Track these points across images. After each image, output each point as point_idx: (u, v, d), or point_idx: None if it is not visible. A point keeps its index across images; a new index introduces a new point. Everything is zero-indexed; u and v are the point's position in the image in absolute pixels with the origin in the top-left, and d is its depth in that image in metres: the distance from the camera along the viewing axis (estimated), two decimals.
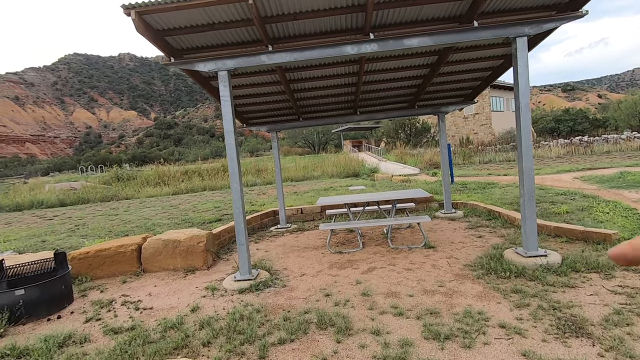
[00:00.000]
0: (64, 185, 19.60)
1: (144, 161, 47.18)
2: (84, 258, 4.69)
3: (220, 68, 3.96)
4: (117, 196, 13.91)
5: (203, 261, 4.80)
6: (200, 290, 4.00)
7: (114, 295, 4.04)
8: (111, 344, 2.90)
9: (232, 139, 4.00)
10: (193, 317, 3.32)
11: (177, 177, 17.69)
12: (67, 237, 6.87)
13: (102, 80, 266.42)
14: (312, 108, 6.96)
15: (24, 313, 3.49)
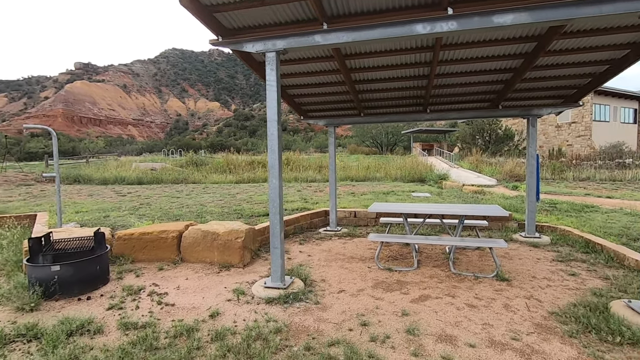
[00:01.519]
0: (147, 165, 21.55)
1: (220, 149, 50.50)
2: (128, 239, 4.70)
3: (268, 49, 3.54)
4: (187, 179, 14.71)
5: (239, 258, 4.50)
6: (228, 292, 3.66)
7: (146, 283, 3.91)
8: (118, 343, 2.66)
9: (276, 129, 3.56)
10: (209, 324, 2.96)
11: (243, 166, 18.25)
12: (128, 215, 7.20)
13: (193, 73, 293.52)
14: (374, 103, 6.28)
15: (58, 290, 3.48)
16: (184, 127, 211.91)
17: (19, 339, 2.73)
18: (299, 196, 9.95)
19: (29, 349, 2.61)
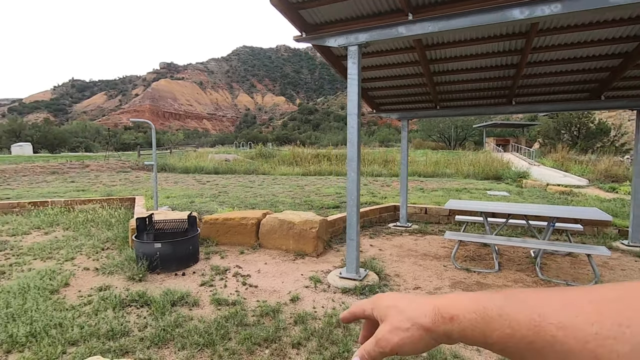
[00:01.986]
0: (221, 156, 23.19)
1: (285, 142, 52.41)
2: (214, 224, 5.13)
3: (350, 42, 3.57)
4: (257, 171, 15.56)
5: (313, 248, 4.66)
6: (305, 279, 3.82)
7: (230, 264, 4.25)
8: (212, 316, 2.95)
9: (355, 122, 3.60)
10: (291, 308, 3.13)
11: (309, 159, 18.69)
12: (210, 201, 7.86)
13: (261, 69, 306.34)
14: (453, 95, 5.97)
15: (159, 264, 3.95)
16: (252, 120, 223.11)
17: (133, 304, 3.17)
18: (366, 190, 9.94)
19: (142, 313, 3.01)
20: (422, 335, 0.37)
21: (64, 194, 9.12)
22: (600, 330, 0.26)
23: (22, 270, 4.02)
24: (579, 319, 0.27)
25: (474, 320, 0.33)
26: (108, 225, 6.03)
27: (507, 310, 0.31)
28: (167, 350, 2.49)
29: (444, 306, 0.36)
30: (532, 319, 0.29)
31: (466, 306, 0.34)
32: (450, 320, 0.35)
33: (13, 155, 31.40)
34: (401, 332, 0.38)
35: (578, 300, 0.28)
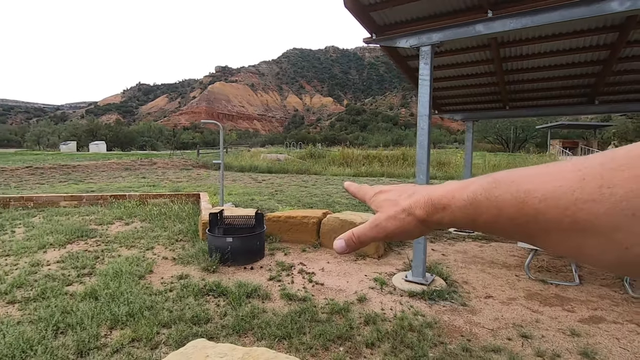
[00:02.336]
0: (273, 156, 23.93)
1: (333, 142, 52.73)
2: (276, 221, 5.32)
3: (423, 43, 3.51)
4: (308, 171, 15.83)
5: (375, 249, 4.64)
6: (369, 280, 3.83)
7: (294, 262, 4.38)
8: (284, 310, 3.06)
9: (426, 123, 3.53)
10: (359, 308, 3.15)
11: (359, 160, 18.63)
12: (268, 199, 8.16)
13: (310, 70, 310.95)
14: (525, 94, 5.62)
15: (230, 257, 4.19)
16: (300, 121, 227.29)
17: (211, 293, 3.39)
18: None
19: (219, 302, 3.22)
20: (416, 225, 0.38)
21: (138, 188, 10.00)
22: (581, 195, 0.26)
23: (112, 256, 4.47)
24: (561, 188, 0.27)
25: (463, 207, 0.34)
26: (179, 219, 6.50)
27: (495, 193, 0.31)
28: (247, 339, 2.63)
29: (437, 197, 0.37)
30: (517, 197, 0.29)
31: (456, 195, 0.35)
32: (442, 209, 0.36)
33: (91, 152, 35.06)
34: (396, 222, 0.39)
35: (564, 170, 0.28)
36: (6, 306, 3.07)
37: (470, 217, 0.33)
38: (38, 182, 11.82)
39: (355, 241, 0.43)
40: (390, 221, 0.40)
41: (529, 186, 0.29)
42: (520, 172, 0.31)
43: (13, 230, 5.69)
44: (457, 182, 0.37)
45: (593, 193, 0.25)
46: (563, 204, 0.27)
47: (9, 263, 4.16)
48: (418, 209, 0.38)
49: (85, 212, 7.19)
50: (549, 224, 0.28)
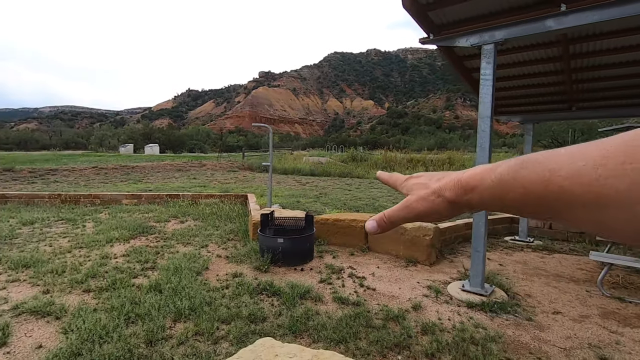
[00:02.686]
0: (314, 159, 24.16)
1: (374, 146, 52.19)
2: (324, 224, 5.33)
3: (485, 41, 3.35)
4: (351, 174, 15.76)
5: (426, 256, 4.49)
6: (422, 287, 3.70)
7: (343, 265, 4.35)
8: (338, 313, 3.04)
9: (488, 125, 3.36)
10: (414, 315, 3.05)
11: (403, 164, 18.23)
12: (313, 202, 8.21)
13: (351, 74, 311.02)
14: (595, 94, 5.16)
15: (281, 258, 4.26)
16: (340, 124, 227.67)
17: (265, 292, 3.46)
18: None
19: (273, 302, 3.27)
20: (446, 206, 0.40)
21: (190, 188, 10.54)
22: (604, 172, 0.26)
23: (170, 252, 4.73)
24: (585, 167, 0.28)
25: (491, 188, 0.35)
26: (229, 219, 6.74)
27: (522, 173, 0.32)
28: (302, 340, 2.64)
29: (465, 179, 0.38)
30: (542, 175, 0.30)
31: (485, 176, 0.36)
32: (471, 191, 0.37)
33: (146, 154, 37.62)
34: (426, 203, 0.41)
35: (588, 150, 0.29)
36: (82, 294, 3.34)
37: (498, 196, 0.35)
38: (102, 181, 12.88)
39: (386, 221, 0.45)
40: (421, 202, 0.41)
41: (554, 165, 0.30)
42: (546, 153, 0.32)
43: (84, 225, 6.22)
44: (485, 165, 0.37)
45: (615, 169, 0.26)
46: (587, 181, 0.27)
47: (82, 255, 4.54)
48: (447, 190, 0.39)
49: (145, 209, 7.69)
50: (573, 200, 0.29)
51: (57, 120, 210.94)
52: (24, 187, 10.98)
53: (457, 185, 0.39)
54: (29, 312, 2.93)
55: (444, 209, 0.40)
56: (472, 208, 0.39)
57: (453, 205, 0.40)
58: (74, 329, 2.59)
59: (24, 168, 15.11)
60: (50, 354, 2.30)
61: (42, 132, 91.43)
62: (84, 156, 30.15)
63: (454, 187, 0.39)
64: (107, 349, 2.33)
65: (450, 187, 0.39)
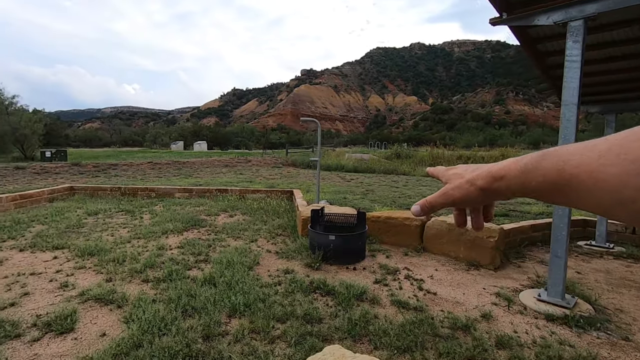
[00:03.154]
0: (357, 155, 23.81)
1: (419, 143, 50.61)
2: (375, 221, 5.09)
3: (572, 17, 2.92)
4: (396, 171, 15.27)
5: (490, 259, 4.10)
6: (490, 294, 3.35)
7: (398, 265, 4.10)
8: (398, 318, 2.81)
9: (574, 114, 2.93)
10: (485, 326, 2.74)
11: (451, 161, 17.35)
12: (360, 199, 7.98)
13: (394, 69, 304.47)
14: None
15: (332, 256, 4.10)
16: (381, 121, 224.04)
17: (318, 291, 3.31)
18: None
19: (327, 302, 3.11)
20: (477, 193, 0.46)
21: (237, 183, 10.76)
22: (604, 161, 0.32)
23: (222, 245, 4.76)
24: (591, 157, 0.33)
25: (516, 177, 0.41)
26: (276, 214, 6.72)
27: (543, 164, 0.38)
28: (362, 345, 2.46)
29: (495, 170, 0.44)
30: (558, 165, 0.36)
31: (512, 166, 0.42)
32: (500, 179, 0.43)
33: (195, 151, 39.45)
34: (461, 190, 0.48)
35: (598, 143, 0.34)
36: (141, 284, 3.41)
37: (522, 184, 0.41)
38: (157, 176, 13.60)
39: (427, 206, 0.52)
40: (456, 190, 0.49)
41: (569, 156, 0.36)
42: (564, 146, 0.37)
43: (142, 216, 6.51)
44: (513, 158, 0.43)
45: (613, 159, 0.31)
46: (591, 168, 0.33)
47: (140, 245, 4.71)
48: (479, 180, 0.46)
49: (196, 203, 7.92)
50: (580, 185, 0.34)
51: (116, 119, 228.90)
52: (88, 180, 11.87)
53: (488, 175, 0.45)
54: (93, 299, 3.02)
55: (475, 195, 0.47)
56: (500, 194, 0.45)
57: (484, 192, 0.46)
58: (134, 319, 2.61)
59: (89, 163, 16.40)
60: (113, 343, 2.32)
61: (104, 131, 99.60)
62: (140, 152, 32.24)
63: (486, 177, 0.45)
64: (166, 342, 2.31)
65: (482, 176, 0.46)
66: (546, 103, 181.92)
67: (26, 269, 3.76)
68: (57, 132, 47.61)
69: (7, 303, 2.91)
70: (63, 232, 5.29)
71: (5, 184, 11.10)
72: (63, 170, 14.49)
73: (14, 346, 2.33)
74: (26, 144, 25.06)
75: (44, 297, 3.09)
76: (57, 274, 3.65)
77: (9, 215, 6.39)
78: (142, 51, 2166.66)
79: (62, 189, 8.62)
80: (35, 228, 5.51)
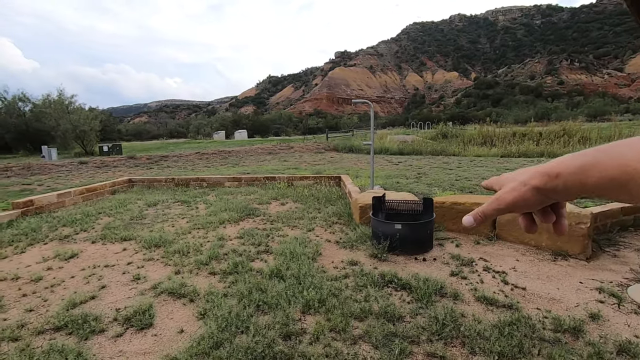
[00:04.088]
0: (400, 137, 23.00)
1: (464, 121, 48.10)
2: (439, 207, 4.73)
3: None
4: (445, 152, 14.51)
5: (581, 248, 3.63)
6: (590, 290, 2.94)
7: (472, 256, 3.76)
8: (488, 317, 2.52)
9: None
10: (595, 328, 2.37)
11: (505, 138, 16.16)
12: (414, 183, 7.59)
13: (432, 45, 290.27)
14: None
15: (398, 246, 3.84)
16: (420, 100, 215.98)
17: (390, 285, 3.09)
18: None
19: (403, 297, 2.88)
20: (533, 194, 0.45)
21: (283, 170, 10.74)
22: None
23: (279, 235, 4.66)
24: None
25: (573, 174, 0.40)
26: (329, 201, 6.55)
27: (600, 160, 0.38)
28: (454, 349, 2.21)
29: (551, 168, 0.43)
30: (619, 161, 0.36)
31: (568, 163, 0.41)
32: (556, 177, 0.42)
33: (237, 139, 40.43)
34: (515, 192, 0.46)
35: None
36: (209, 277, 3.38)
37: (580, 181, 0.39)
38: (205, 165, 14.00)
39: (481, 216, 0.51)
40: (509, 193, 0.47)
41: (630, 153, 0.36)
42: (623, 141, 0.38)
43: (197, 207, 6.63)
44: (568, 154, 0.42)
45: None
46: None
47: (200, 236, 4.74)
48: (534, 179, 0.45)
49: (246, 192, 7.97)
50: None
51: (162, 113, 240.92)
52: (144, 172, 12.48)
53: (542, 174, 0.44)
54: (166, 293, 3.03)
55: (530, 196, 0.45)
56: (556, 194, 0.43)
57: (538, 192, 0.44)
58: (209, 315, 2.56)
59: (142, 155, 17.28)
60: (192, 341, 2.26)
61: (152, 124, 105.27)
62: (187, 144, 33.59)
63: (540, 176, 0.44)
64: (245, 342, 2.21)
65: (537, 176, 0.45)
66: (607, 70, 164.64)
67: (100, 261, 3.89)
68: (110, 128, 50.92)
69: (88, 296, 2.99)
70: (128, 223, 5.49)
71: (72, 178, 11.96)
72: (120, 163, 15.39)
73: (99, 342, 2.35)
74: (86, 140, 26.98)
75: (120, 290, 3.15)
76: (128, 266, 3.74)
77: (79, 207, 6.79)
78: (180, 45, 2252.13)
79: (122, 181, 9.06)
80: (103, 220, 5.78)
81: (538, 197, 0.45)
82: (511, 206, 0.47)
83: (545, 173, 0.43)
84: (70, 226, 5.37)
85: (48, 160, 17.54)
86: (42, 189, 9.51)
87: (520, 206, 0.46)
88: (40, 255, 4.14)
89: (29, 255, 4.18)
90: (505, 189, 0.47)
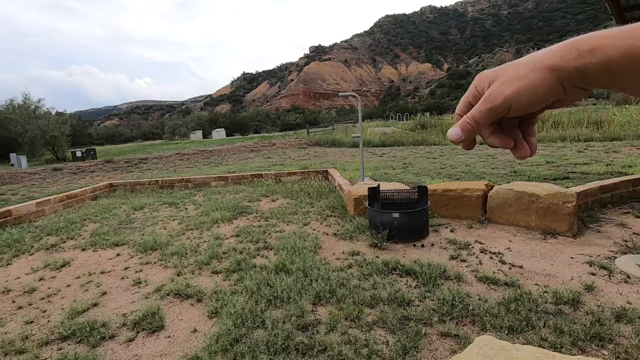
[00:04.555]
0: (379, 129, 23.26)
1: (440, 111, 49.13)
2: (431, 195, 4.84)
3: None
4: (426, 142, 14.80)
5: (568, 226, 3.82)
6: (581, 264, 3.11)
7: (467, 239, 3.89)
8: (492, 296, 2.64)
9: None
10: (592, 299, 2.53)
11: None
12: (402, 172, 7.72)
13: (405, 37, 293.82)
14: None
15: (396, 234, 3.92)
16: (396, 92, 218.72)
17: (395, 272, 3.16)
18: (588, 158, 7.98)
19: (409, 282, 2.96)
20: (544, 78, 0.32)
21: (269, 167, 10.67)
22: None
23: (276, 231, 4.66)
24: None
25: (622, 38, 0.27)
26: (320, 195, 6.58)
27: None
28: (466, 327, 2.30)
29: (583, 38, 0.30)
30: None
31: (615, 34, 0.28)
32: (589, 53, 0.29)
33: (215, 139, 39.69)
34: (517, 81, 0.33)
35: None
36: (212, 276, 3.36)
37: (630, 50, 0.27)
38: (188, 166, 13.71)
39: (470, 122, 0.37)
40: (507, 84, 0.34)
41: None
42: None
43: (186, 208, 6.51)
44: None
45: None
46: None
47: (195, 236, 4.68)
48: (549, 56, 0.32)
49: (233, 190, 7.88)
50: None
51: (134, 114, 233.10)
52: (124, 176, 12.10)
53: (565, 48, 0.31)
54: (172, 295, 2.99)
55: (540, 82, 0.32)
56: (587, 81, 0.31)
57: (555, 74, 0.31)
58: (222, 313, 2.55)
59: (120, 159, 16.72)
60: (209, 339, 2.26)
61: (124, 127, 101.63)
62: (164, 145, 32.71)
63: (562, 50, 0.31)
64: (264, 336, 2.22)
65: (555, 51, 0.32)
66: None
67: (95, 268, 3.78)
68: (80, 132, 48.89)
69: (90, 304, 2.91)
70: (117, 228, 5.34)
71: (47, 185, 11.45)
72: (97, 168, 14.84)
73: (111, 347, 2.31)
74: (57, 146, 25.81)
75: (122, 296, 3.08)
76: (126, 271, 3.65)
77: (60, 215, 6.53)
78: (150, 44, 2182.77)
79: (103, 186, 8.76)
80: (89, 226, 5.59)
81: (551, 83, 0.32)
82: (511, 99, 0.34)
83: (574, 47, 0.30)
84: (56, 235, 5.17)
85: (18, 169, 16.70)
86: (18, 199, 9.06)
87: (526, 99, 0.33)
88: (28, 266, 3.97)
89: (16, 267, 4.00)
90: (499, 81, 0.35)
